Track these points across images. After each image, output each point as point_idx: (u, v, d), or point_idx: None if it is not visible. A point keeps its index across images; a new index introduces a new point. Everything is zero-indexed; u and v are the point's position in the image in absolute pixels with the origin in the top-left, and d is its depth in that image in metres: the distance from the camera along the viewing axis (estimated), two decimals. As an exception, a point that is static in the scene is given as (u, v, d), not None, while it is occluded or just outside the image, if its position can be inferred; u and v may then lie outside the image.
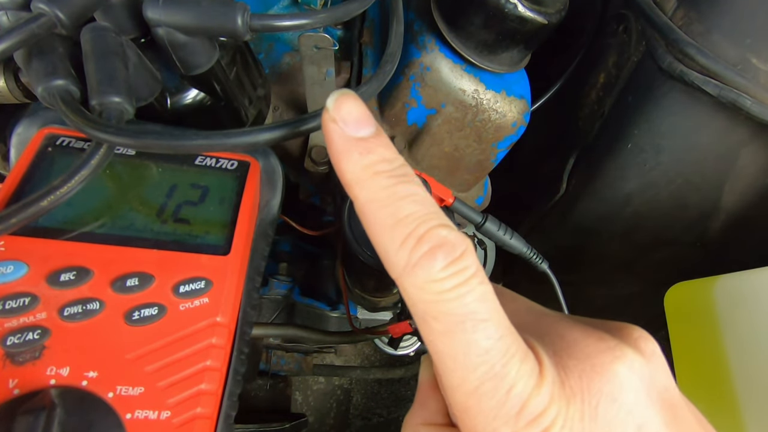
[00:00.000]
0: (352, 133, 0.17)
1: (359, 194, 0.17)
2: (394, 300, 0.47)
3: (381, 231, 0.16)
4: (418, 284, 0.15)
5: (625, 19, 0.38)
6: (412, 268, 0.15)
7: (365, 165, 0.16)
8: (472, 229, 0.45)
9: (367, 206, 0.16)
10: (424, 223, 0.16)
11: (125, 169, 0.26)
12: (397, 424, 0.79)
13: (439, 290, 0.15)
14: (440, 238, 0.15)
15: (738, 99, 0.31)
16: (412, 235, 0.15)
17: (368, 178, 0.16)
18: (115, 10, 0.25)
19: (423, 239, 0.15)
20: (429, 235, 0.15)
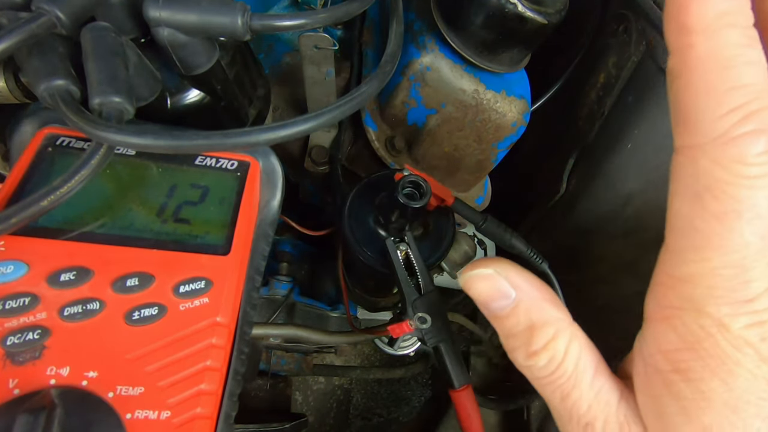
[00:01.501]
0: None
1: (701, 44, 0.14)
2: (394, 300, 0.47)
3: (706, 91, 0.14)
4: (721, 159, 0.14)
5: (625, 19, 0.38)
6: (726, 141, 0.14)
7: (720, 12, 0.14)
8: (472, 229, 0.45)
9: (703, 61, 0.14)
10: (760, 99, 0.14)
11: (125, 169, 0.26)
12: (398, 424, 0.79)
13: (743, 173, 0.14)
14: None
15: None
16: (743, 108, 0.14)
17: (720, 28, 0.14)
18: (115, 10, 0.25)
19: (753, 116, 0.14)
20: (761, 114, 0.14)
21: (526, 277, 0.19)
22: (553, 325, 0.19)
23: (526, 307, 0.19)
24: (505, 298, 0.19)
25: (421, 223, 0.34)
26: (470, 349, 0.70)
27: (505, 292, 0.19)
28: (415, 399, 0.81)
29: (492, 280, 0.19)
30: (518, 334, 0.19)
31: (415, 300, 0.31)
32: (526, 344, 0.19)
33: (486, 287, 0.19)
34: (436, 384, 0.80)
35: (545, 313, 0.19)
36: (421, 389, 0.81)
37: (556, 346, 0.18)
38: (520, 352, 0.19)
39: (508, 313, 0.19)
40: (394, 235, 0.33)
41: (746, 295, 0.15)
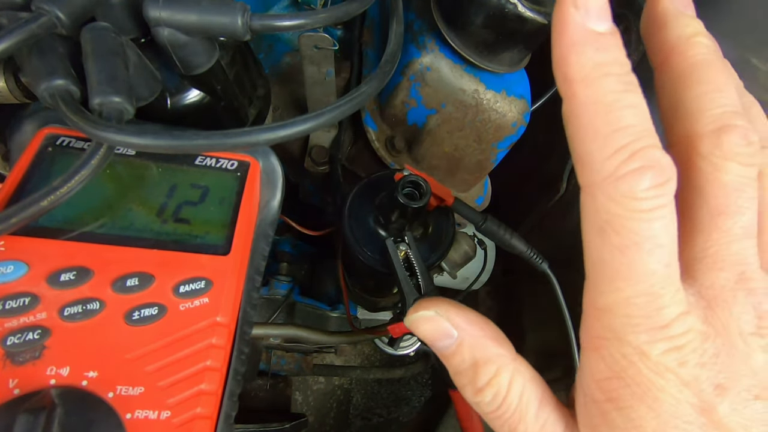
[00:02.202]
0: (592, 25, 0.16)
1: (581, 93, 0.16)
2: (394, 300, 0.47)
3: (592, 135, 0.16)
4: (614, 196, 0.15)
5: (625, 19, 0.38)
6: (615, 180, 0.15)
7: (597, 63, 0.16)
8: (472, 229, 0.45)
9: (586, 107, 0.16)
10: (642, 139, 0.15)
11: (125, 169, 0.26)
12: (398, 424, 0.79)
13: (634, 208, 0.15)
14: (653, 159, 0.15)
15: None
16: (626, 148, 0.15)
17: (597, 77, 0.16)
18: (115, 10, 0.25)
19: (636, 155, 0.15)
20: (644, 152, 0.15)
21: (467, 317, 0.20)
22: (495, 362, 0.19)
23: (468, 346, 0.19)
24: (448, 338, 0.20)
25: (421, 223, 0.34)
26: (470, 349, 0.70)
27: (447, 332, 0.20)
28: (415, 399, 0.81)
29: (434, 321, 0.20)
30: (464, 371, 0.20)
31: (415, 300, 0.31)
32: (472, 381, 0.19)
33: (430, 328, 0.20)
34: (436, 384, 0.80)
35: (487, 350, 0.19)
36: (421, 389, 0.81)
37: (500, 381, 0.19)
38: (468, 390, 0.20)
39: (453, 352, 0.20)
40: (394, 235, 0.33)
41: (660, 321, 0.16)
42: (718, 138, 0.17)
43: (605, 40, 0.16)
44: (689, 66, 0.18)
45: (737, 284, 0.17)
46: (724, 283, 0.17)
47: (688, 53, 0.18)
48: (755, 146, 0.17)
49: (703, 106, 0.17)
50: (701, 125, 0.17)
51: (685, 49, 0.18)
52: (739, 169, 0.17)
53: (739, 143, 0.17)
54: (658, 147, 0.16)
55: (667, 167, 0.15)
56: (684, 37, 0.18)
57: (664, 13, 0.19)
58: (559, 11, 0.16)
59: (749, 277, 0.17)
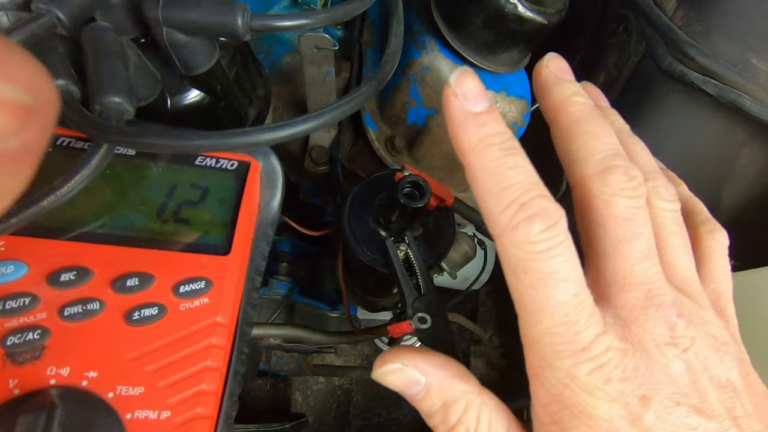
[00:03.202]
0: (471, 108, 0.19)
1: (473, 162, 0.19)
2: (394, 300, 0.47)
3: (488, 195, 0.18)
4: (515, 243, 0.18)
5: (625, 19, 0.38)
6: (512, 229, 0.18)
7: (480, 137, 0.19)
8: (472, 229, 0.45)
9: (479, 173, 0.19)
10: (527, 192, 0.18)
11: (125, 169, 0.26)
12: (398, 424, 0.78)
13: (532, 250, 0.18)
14: (539, 207, 0.18)
15: (738, 99, 0.31)
16: (515, 202, 0.18)
17: (482, 149, 0.19)
18: (115, 10, 0.25)
19: (525, 206, 0.18)
20: (530, 203, 0.18)
21: (432, 361, 0.21)
22: (462, 400, 0.20)
23: (437, 389, 0.21)
24: (416, 385, 0.21)
25: (421, 223, 0.34)
26: (470, 349, 0.70)
27: (415, 380, 0.21)
28: (415, 399, 0.81)
29: (401, 372, 0.21)
30: (435, 413, 0.21)
31: (415, 300, 0.31)
32: (443, 421, 0.20)
33: (398, 379, 0.21)
34: (436, 384, 0.80)
35: (454, 390, 0.21)
36: (421, 389, 0.81)
37: (468, 417, 0.20)
38: (440, 429, 0.21)
39: (423, 397, 0.21)
40: (394, 235, 0.33)
41: (580, 344, 0.18)
42: (604, 178, 0.20)
43: (483, 118, 0.19)
44: (572, 122, 0.21)
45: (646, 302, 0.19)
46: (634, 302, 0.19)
47: (569, 110, 0.21)
48: (638, 179, 0.20)
49: (587, 153, 0.20)
50: (589, 169, 0.20)
51: (566, 108, 0.21)
52: (626, 201, 0.19)
53: (622, 179, 0.19)
54: (544, 196, 0.18)
55: (553, 212, 0.18)
56: (563, 98, 0.21)
57: (546, 80, 0.22)
58: (445, 100, 0.19)
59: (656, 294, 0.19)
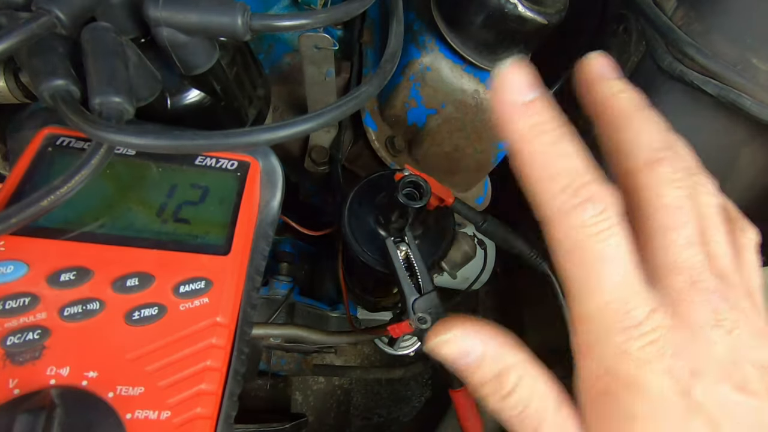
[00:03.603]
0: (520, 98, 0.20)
1: (524, 149, 0.19)
2: (394, 300, 0.47)
3: (539, 180, 0.19)
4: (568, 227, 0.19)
5: (625, 19, 0.38)
6: (565, 214, 0.19)
7: (531, 125, 0.19)
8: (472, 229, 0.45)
9: (529, 160, 0.19)
10: (580, 177, 0.19)
11: (125, 169, 0.26)
12: (398, 424, 0.78)
13: (586, 234, 0.19)
14: (592, 192, 0.19)
15: (738, 99, 0.31)
16: (569, 187, 0.19)
17: (534, 136, 0.19)
18: (115, 10, 0.25)
19: (578, 191, 0.19)
20: (583, 189, 0.19)
21: (487, 330, 0.21)
22: (517, 369, 0.21)
23: (491, 358, 0.21)
24: (471, 354, 0.21)
25: (421, 223, 0.34)
26: (470, 349, 0.70)
27: (470, 349, 0.21)
28: (415, 399, 0.81)
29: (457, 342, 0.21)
30: (488, 382, 0.21)
31: (415, 300, 0.31)
32: (496, 391, 0.21)
33: (453, 349, 0.21)
34: (436, 384, 0.80)
35: (509, 359, 0.21)
36: (421, 389, 0.81)
37: (522, 386, 0.21)
38: (492, 398, 0.21)
39: (477, 366, 0.21)
40: (394, 235, 0.33)
41: (632, 321, 0.19)
42: (652, 170, 0.21)
43: (534, 107, 0.20)
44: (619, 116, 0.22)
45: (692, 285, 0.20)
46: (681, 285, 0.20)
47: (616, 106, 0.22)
48: (683, 172, 0.21)
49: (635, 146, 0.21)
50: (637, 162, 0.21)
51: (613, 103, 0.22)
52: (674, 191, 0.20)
53: (668, 171, 0.20)
54: (595, 181, 0.19)
55: (604, 196, 0.19)
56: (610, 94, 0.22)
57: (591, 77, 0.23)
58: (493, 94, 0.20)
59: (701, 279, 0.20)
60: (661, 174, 0.20)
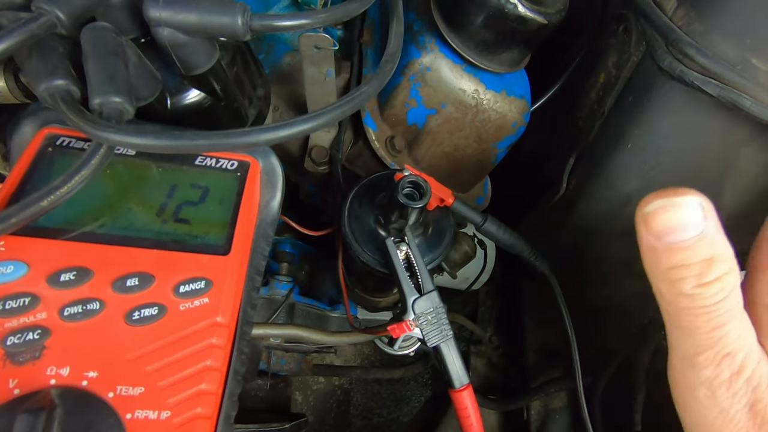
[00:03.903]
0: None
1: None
2: (394, 300, 0.47)
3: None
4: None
5: (625, 19, 0.38)
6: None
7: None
8: (472, 229, 0.45)
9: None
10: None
11: (125, 169, 0.26)
12: (398, 424, 0.78)
13: None
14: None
15: (738, 99, 0.31)
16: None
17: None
18: (115, 10, 0.25)
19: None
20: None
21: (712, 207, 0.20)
22: (729, 261, 0.19)
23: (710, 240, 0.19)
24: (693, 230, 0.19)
25: (421, 223, 0.34)
26: (470, 349, 0.70)
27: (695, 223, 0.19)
28: (415, 399, 0.81)
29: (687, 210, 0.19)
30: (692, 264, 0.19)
31: (415, 300, 0.31)
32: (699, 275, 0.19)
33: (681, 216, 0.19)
34: (436, 384, 0.80)
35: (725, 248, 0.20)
36: (421, 389, 0.81)
37: (730, 279, 0.19)
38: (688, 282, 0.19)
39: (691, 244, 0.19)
40: (394, 235, 0.33)
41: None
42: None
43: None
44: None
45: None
46: None
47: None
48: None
49: None
50: None
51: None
52: None
53: None
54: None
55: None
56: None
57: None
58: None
59: None
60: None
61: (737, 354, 0.20)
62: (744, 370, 0.19)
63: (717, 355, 0.20)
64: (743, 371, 0.19)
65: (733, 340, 0.20)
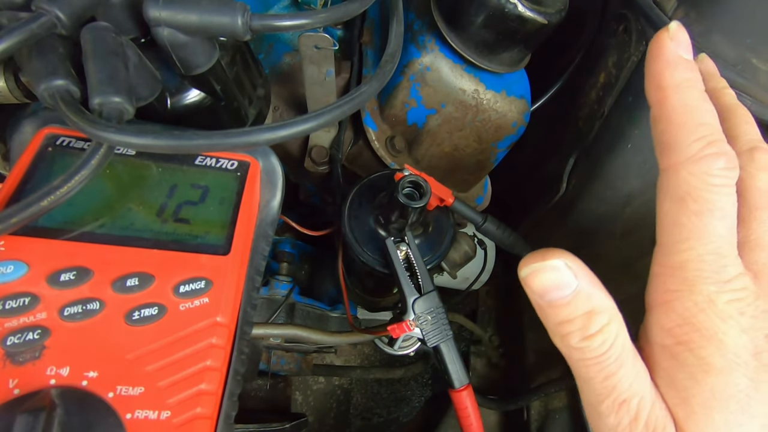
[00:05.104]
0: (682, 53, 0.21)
1: (673, 96, 0.21)
2: (394, 300, 0.47)
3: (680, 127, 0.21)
4: (694, 172, 0.20)
5: (625, 19, 0.38)
6: (697, 160, 0.20)
7: (686, 78, 0.21)
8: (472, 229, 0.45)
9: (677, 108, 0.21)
10: (716, 133, 0.20)
11: (125, 169, 0.26)
12: (398, 424, 0.78)
13: (710, 182, 0.20)
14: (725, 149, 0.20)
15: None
16: (707, 137, 0.20)
17: (686, 87, 0.21)
18: (115, 10, 0.25)
19: (713, 143, 0.20)
20: (718, 143, 0.20)
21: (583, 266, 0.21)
22: (607, 312, 0.21)
23: (585, 295, 0.21)
24: (566, 288, 0.21)
25: (421, 223, 0.34)
26: (470, 349, 0.70)
27: (567, 282, 0.21)
28: (415, 399, 0.81)
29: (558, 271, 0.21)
30: (575, 319, 0.21)
31: (415, 300, 0.31)
32: (582, 329, 0.21)
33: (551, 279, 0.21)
34: (436, 384, 0.80)
35: (602, 300, 0.21)
36: (421, 389, 0.81)
37: (610, 330, 0.20)
38: (574, 336, 0.21)
39: (568, 301, 0.21)
40: (394, 235, 0.33)
41: (725, 276, 0.20)
42: (751, 155, 0.22)
43: (691, 65, 0.21)
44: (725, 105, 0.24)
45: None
46: (765, 260, 0.21)
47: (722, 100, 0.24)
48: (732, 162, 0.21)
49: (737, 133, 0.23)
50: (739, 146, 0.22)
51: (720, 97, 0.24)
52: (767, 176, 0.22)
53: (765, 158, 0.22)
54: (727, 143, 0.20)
55: (734, 157, 0.20)
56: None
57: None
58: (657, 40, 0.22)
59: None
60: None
61: (632, 400, 0.20)
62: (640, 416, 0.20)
63: (614, 403, 0.20)
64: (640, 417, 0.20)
65: (626, 387, 0.20)
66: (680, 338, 0.20)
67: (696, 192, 0.20)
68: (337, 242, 0.40)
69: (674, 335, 0.20)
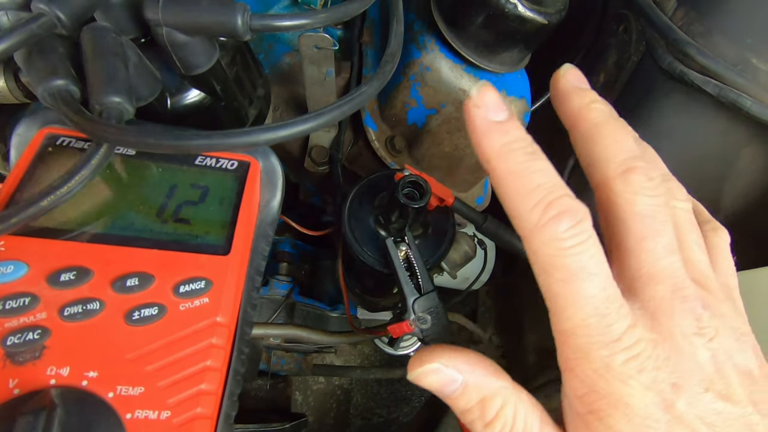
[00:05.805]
0: (493, 117, 0.20)
1: (498, 167, 0.20)
2: (394, 300, 0.47)
3: (515, 197, 0.19)
4: (544, 240, 0.19)
5: (625, 19, 0.38)
6: (541, 228, 0.19)
7: (504, 143, 0.20)
8: (472, 229, 0.45)
9: (505, 177, 0.20)
10: (553, 192, 0.19)
11: (125, 169, 0.26)
12: (398, 424, 0.78)
13: (561, 247, 0.18)
14: (566, 206, 0.19)
15: (738, 99, 0.31)
16: (542, 201, 0.19)
17: (506, 153, 0.20)
18: (115, 10, 0.25)
19: (551, 205, 0.19)
20: (557, 202, 0.19)
21: (467, 358, 0.22)
22: (500, 395, 0.21)
23: (474, 386, 0.21)
24: (453, 383, 0.21)
25: (421, 223, 0.34)
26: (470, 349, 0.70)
27: (453, 378, 0.21)
28: (415, 399, 0.81)
29: (439, 372, 0.21)
30: (472, 408, 0.21)
31: (415, 300, 0.31)
32: (480, 417, 0.21)
33: (436, 379, 0.21)
34: (436, 384, 0.80)
35: (491, 386, 0.21)
36: (421, 389, 0.81)
37: (506, 413, 0.21)
38: (476, 424, 0.21)
39: (460, 394, 0.21)
40: (394, 235, 0.33)
41: (613, 336, 0.19)
42: (625, 178, 0.20)
43: (505, 126, 0.20)
44: (592, 126, 0.22)
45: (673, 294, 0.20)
46: (662, 294, 0.20)
47: (589, 116, 0.22)
48: (657, 180, 0.21)
49: (609, 155, 0.21)
50: (611, 170, 0.21)
51: (586, 114, 0.22)
52: (647, 200, 0.20)
53: (642, 179, 0.20)
54: (568, 195, 0.19)
55: (578, 210, 0.19)
56: (583, 105, 0.22)
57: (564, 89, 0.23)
58: (466, 112, 0.20)
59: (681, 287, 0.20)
60: (634, 182, 0.20)
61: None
62: None
63: None
64: None
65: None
66: (591, 407, 0.19)
67: (553, 260, 0.19)
68: (337, 242, 0.40)
69: (585, 403, 0.20)
